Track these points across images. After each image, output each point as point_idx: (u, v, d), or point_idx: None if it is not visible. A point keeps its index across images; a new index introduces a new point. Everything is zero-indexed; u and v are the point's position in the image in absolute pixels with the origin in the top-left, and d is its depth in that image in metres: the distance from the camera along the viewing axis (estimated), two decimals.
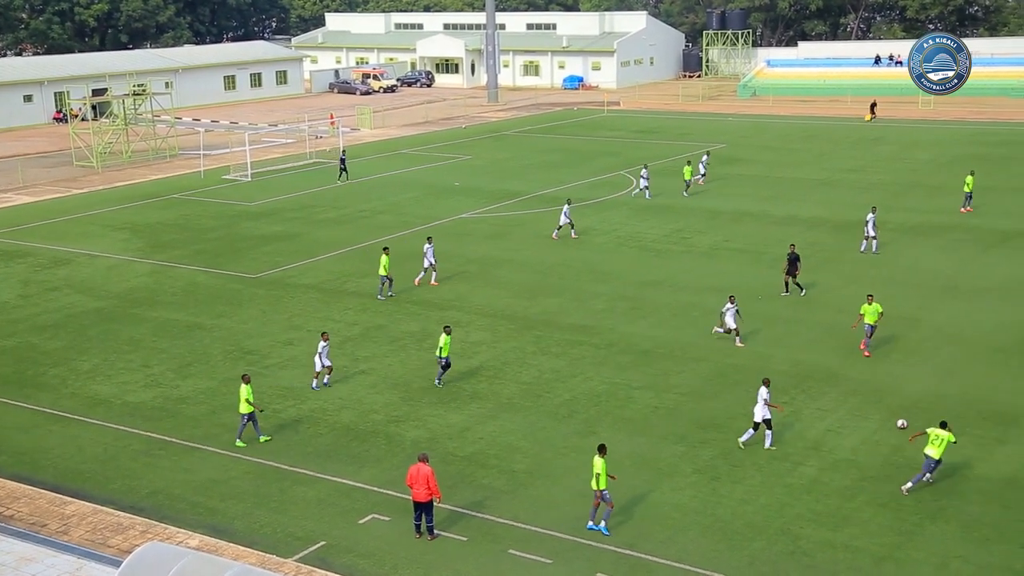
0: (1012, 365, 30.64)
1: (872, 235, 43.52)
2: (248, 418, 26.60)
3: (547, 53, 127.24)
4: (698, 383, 30.16)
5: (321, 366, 30.27)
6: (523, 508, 23.26)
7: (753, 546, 21.42)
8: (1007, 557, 20.70)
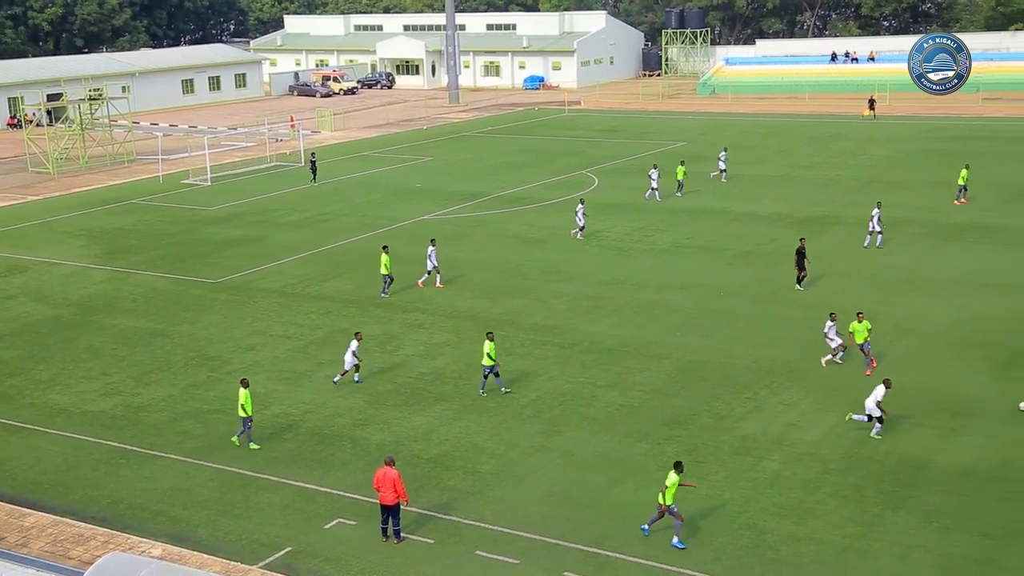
0: (968, 357, 31.04)
1: (877, 230, 43.81)
2: (249, 422, 26.45)
3: (507, 53, 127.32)
4: (661, 381, 30.31)
5: (351, 364, 30.34)
6: (490, 509, 23.27)
7: (718, 541, 21.57)
8: (966, 546, 20.98)
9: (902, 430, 26.26)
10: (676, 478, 21.37)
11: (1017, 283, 38.04)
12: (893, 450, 25.22)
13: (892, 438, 25.84)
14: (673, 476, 21.39)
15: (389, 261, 39.16)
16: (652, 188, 55.66)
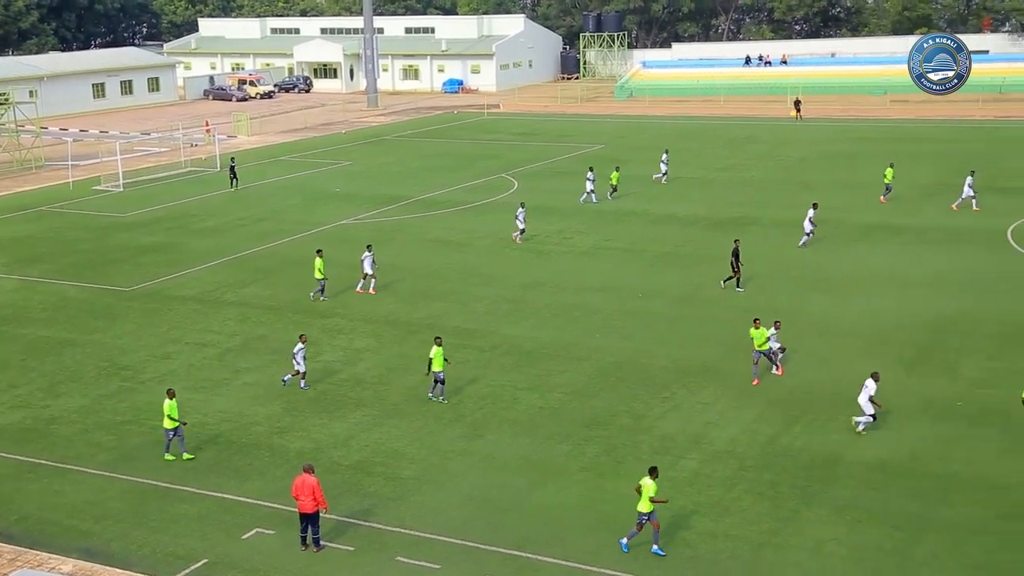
0: (877, 353, 31.76)
1: (808, 229, 44.47)
2: (174, 433, 25.94)
3: (426, 57, 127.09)
4: (581, 382, 30.49)
5: (297, 367, 30.09)
6: (410, 514, 23.17)
7: (637, 540, 21.72)
8: (878, 538, 21.46)
9: (816, 426, 26.78)
10: (653, 484, 21.06)
11: (924, 281, 39.04)
12: (807, 446, 25.70)
13: (806, 434, 26.34)
14: (649, 482, 21.08)
15: (323, 265, 38.81)
16: (588, 191, 55.76)
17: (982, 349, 31.60)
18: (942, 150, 68.64)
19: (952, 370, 30.16)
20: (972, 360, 30.78)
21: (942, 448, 25.28)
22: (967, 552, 20.75)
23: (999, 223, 47.17)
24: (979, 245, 43.77)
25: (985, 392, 28.40)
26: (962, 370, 30.05)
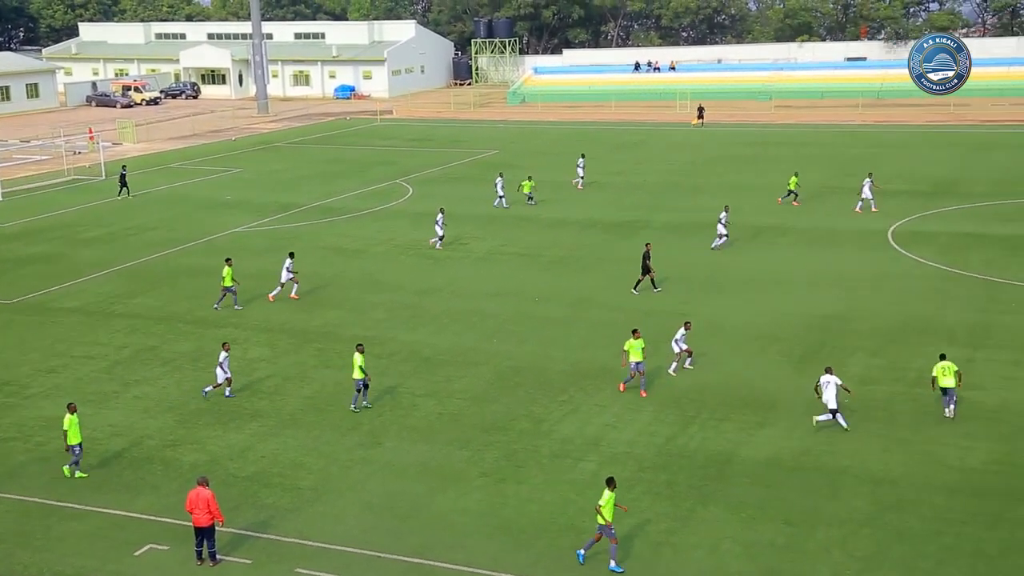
0: (769, 352, 32.55)
1: (723, 232, 45.21)
2: (80, 448, 25.12)
3: (317, 63, 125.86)
4: (480, 387, 30.54)
5: (223, 377, 29.61)
6: (310, 525, 22.90)
7: (539, 544, 21.87)
8: (771, 534, 21.98)
9: (710, 426, 27.30)
10: (610, 495, 20.79)
11: (810, 280, 40.14)
12: (703, 446, 26.18)
13: (701, 434, 26.83)
14: (607, 493, 20.79)
15: (231, 273, 38.12)
16: (499, 196, 55.72)
17: (866, 347, 32.62)
18: (825, 154, 70.70)
19: (838, 367, 30.92)
20: (857, 358, 31.75)
21: (830, 444, 26.02)
22: (856, 544, 21.39)
23: (880, 225, 48.77)
24: (862, 246, 45.19)
25: (869, 388, 29.32)
26: (848, 367, 30.95)
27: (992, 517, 22.16)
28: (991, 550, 20.92)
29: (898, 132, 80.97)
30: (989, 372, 30.06)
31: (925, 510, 22.58)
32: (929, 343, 32.47)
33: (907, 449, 25.46)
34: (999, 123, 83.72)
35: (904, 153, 69.75)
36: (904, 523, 22.10)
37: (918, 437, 26.09)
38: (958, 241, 45.20)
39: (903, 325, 34.48)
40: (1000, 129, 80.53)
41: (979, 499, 22.95)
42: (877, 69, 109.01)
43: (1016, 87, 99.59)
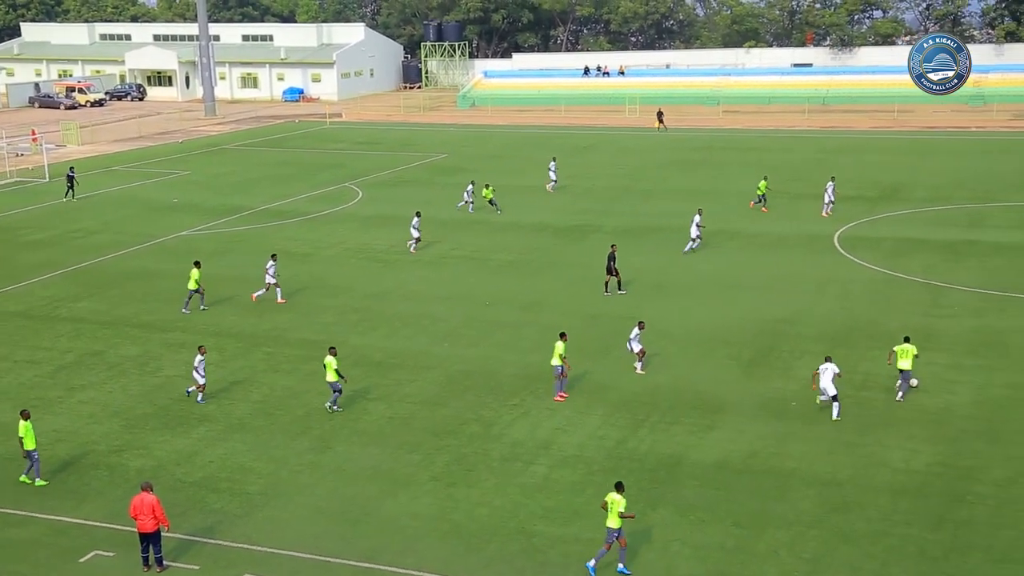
0: (716, 356, 32.84)
1: (696, 235, 45.67)
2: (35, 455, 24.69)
3: (265, 65, 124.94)
4: (431, 391, 30.48)
5: (201, 381, 29.50)
6: (258, 530, 22.71)
7: (489, 548, 21.88)
8: (720, 536, 22.16)
9: (660, 429, 27.47)
10: (621, 498, 20.77)
11: (757, 284, 40.55)
12: (652, 449, 26.34)
13: (651, 437, 26.99)
14: (617, 496, 20.77)
15: (200, 276, 37.89)
16: (467, 201, 55.57)
17: (813, 350, 32.99)
18: (772, 159, 71.43)
19: (786, 371, 31.41)
20: (804, 361, 32.11)
21: (778, 446, 26.30)
22: (804, 546, 21.64)
23: (827, 229, 49.40)
24: (809, 250, 45.73)
25: (817, 391, 29.65)
26: (795, 370, 31.32)
27: (935, 518, 22.53)
28: (934, 551, 21.27)
29: (843, 137, 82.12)
30: (931, 375, 30.56)
31: (870, 512, 22.90)
32: (874, 346, 32.94)
33: (853, 452, 25.81)
34: (940, 129, 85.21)
35: (849, 158, 70.74)
36: (850, 525, 22.39)
37: (864, 440, 26.46)
38: (901, 246, 45.92)
39: (849, 329, 34.95)
40: (941, 135, 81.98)
41: (923, 500, 23.33)
42: (823, 75, 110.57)
43: (957, 94, 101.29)
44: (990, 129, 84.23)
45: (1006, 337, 33.62)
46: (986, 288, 39.01)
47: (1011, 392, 29.18)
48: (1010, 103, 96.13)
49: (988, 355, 32.10)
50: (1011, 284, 39.39)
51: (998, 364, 31.32)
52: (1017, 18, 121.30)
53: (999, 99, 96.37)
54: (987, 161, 68.14)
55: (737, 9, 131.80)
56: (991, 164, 66.85)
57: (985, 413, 27.87)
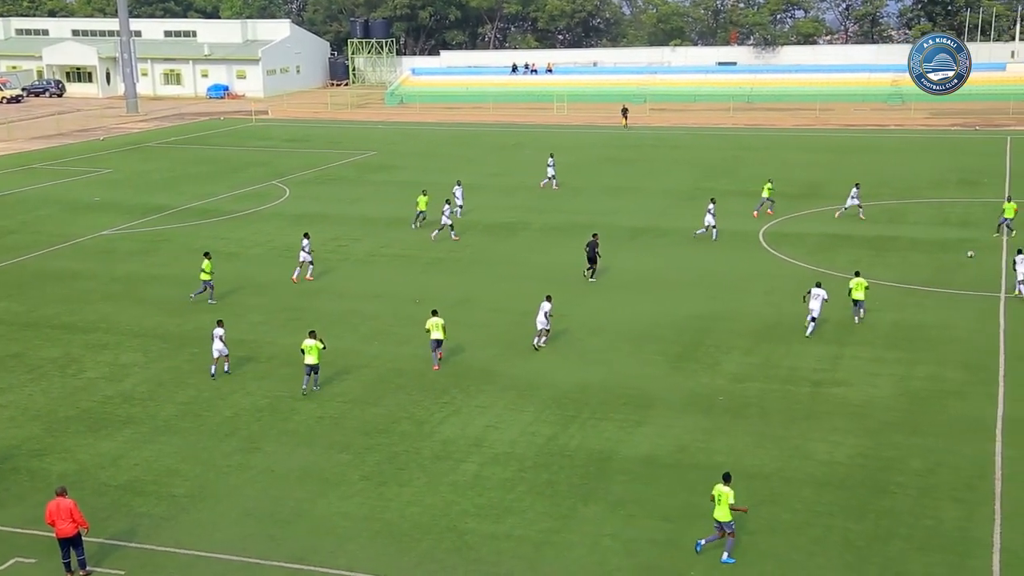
0: (646, 352, 33.14)
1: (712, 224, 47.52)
2: None
3: (189, 61, 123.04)
4: (361, 390, 30.31)
5: (219, 353, 30.99)
6: (185, 533, 22.38)
7: (421, 546, 21.83)
8: (650, 530, 22.37)
9: (590, 424, 27.64)
10: (729, 490, 20.96)
11: (685, 281, 41.01)
12: (583, 444, 26.50)
13: (582, 433, 27.14)
14: (725, 488, 20.99)
15: (210, 266, 38.24)
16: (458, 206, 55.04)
17: (739, 345, 33.49)
18: (698, 157, 72.29)
19: (713, 366, 31.81)
20: (731, 356, 32.57)
21: (706, 440, 26.63)
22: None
23: (753, 226, 50.11)
24: (735, 247, 46.34)
25: (743, 386, 30.12)
26: (722, 365, 31.75)
27: (858, 509, 23.00)
28: (858, 540, 21.72)
29: (767, 135, 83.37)
30: (854, 369, 31.20)
31: (796, 503, 23.30)
32: (799, 341, 33.54)
33: (779, 445, 26.23)
34: (861, 127, 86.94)
35: (773, 156, 71.82)
36: (776, 516, 22.76)
37: (789, 433, 26.91)
38: (825, 242, 46.76)
39: (775, 324, 35.51)
40: (862, 133, 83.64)
41: (846, 491, 23.79)
42: (747, 74, 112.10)
43: (876, 93, 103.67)
44: (908, 127, 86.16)
45: (925, 331, 34.44)
46: (906, 283, 39.92)
47: (930, 384, 29.91)
48: (927, 102, 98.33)
49: (908, 348, 32.86)
50: (930, 279, 40.37)
51: (918, 357, 32.07)
52: (932, 19, 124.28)
53: (917, 98, 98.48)
54: (906, 159, 69.70)
55: (662, 8, 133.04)
56: (910, 161, 68.39)
57: (905, 405, 28.52)
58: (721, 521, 21.08)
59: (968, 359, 31.68)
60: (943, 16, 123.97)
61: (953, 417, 27.54)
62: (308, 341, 29.82)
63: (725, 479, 21.34)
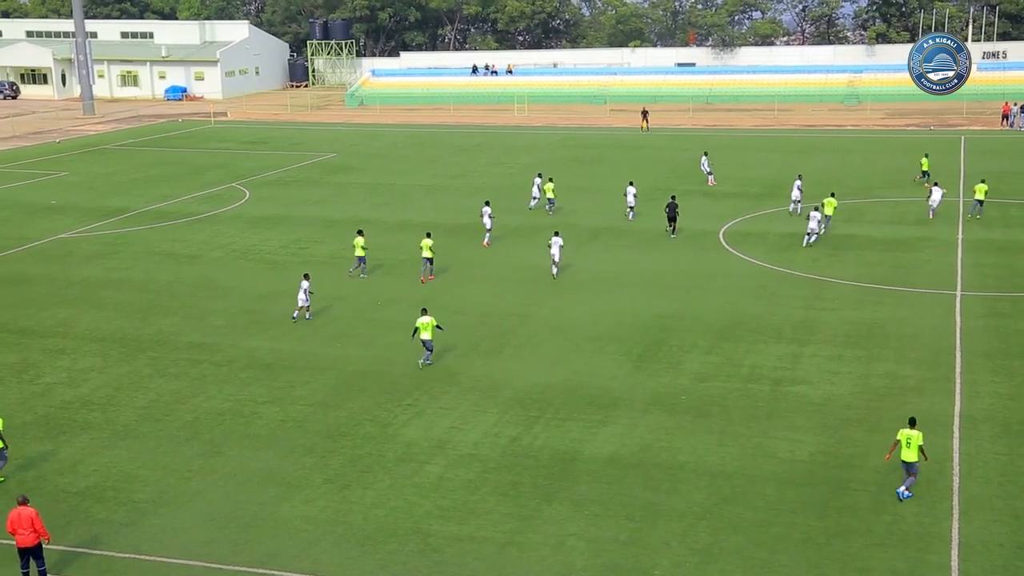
0: (608, 352, 33.25)
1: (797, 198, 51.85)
2: None
3: (146, 63, 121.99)
4: (323, 393, 30.18)
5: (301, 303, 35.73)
6: (146, 539, 22.17)
7: (385, 549, 21.77)
8: (614, 530, 22.46)
9: (554, 425, 27.69)
10: (918, 433, 23.07)
11: (648, 281, 41.19)
12: (547, 445, 26.55)
13: (545, 433, 27.19)
14: (914, 432, 23.08)
15: (365, 243, 41.80)
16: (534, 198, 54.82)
17: (701, 345, 33.69)
18: (658, 157, 72.67)
19: (676, 365, 31.98)
20: (693, 355, 32.76)
21: (669, 439, 26.77)
22: (695, 537, 22.07)
23: (713, 226, 50.45)
24: (695, 247, 46.61)
25: (705, 385, 30.32)
26: (685, 364, 31.93)
27: (819, 506, 23.22)
28: (819, 537, 21.93)
29: (727, 136, 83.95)
30: (814, 367, 31.50)
31: (758, 501, 23.48)
32: (759, 340, 33.81)
33: (741, 443, 26.43)
34: (818, 127, 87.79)
35: (733, 156, 72.29)
36: (739, 515, 22.92)
37: (751, 431, 27.12)
38: (784, 241, 47.15)
39: (735, 323, 35.76)
40: (819, 133, 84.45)
41: (807, 489, 24.01)
42: (706, 75, 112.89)
43: (833, 93, 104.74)
44: (865, 127, 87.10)
45: (883, 328, 34.83)
46: (864, 281, 40.36)
47: (889, 382, 30.25)
48: (883, 102, 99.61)
49: (867, 346, 33.22)
50: (887, 277, 40.83)
51: (876, 355, 32.43)
52: (887, 20, 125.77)
53: (872, 98, 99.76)
54: (863, 158, 70.45)
55: (621, 9, 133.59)
56: (867, 161, 69.13)
57: (864, 403, 28.83)
58: (909, 462, 23.13)
59: (925, 356, 32.09)
60: (897, 17, 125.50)
61: (911, 413, 27.78)
62: (423, 319, 31.51)
63: (911, 423, 23.44)
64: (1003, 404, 28.36)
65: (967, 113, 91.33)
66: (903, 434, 23.30)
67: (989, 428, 26.75)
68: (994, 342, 33.14)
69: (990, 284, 39.45)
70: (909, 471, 23.27)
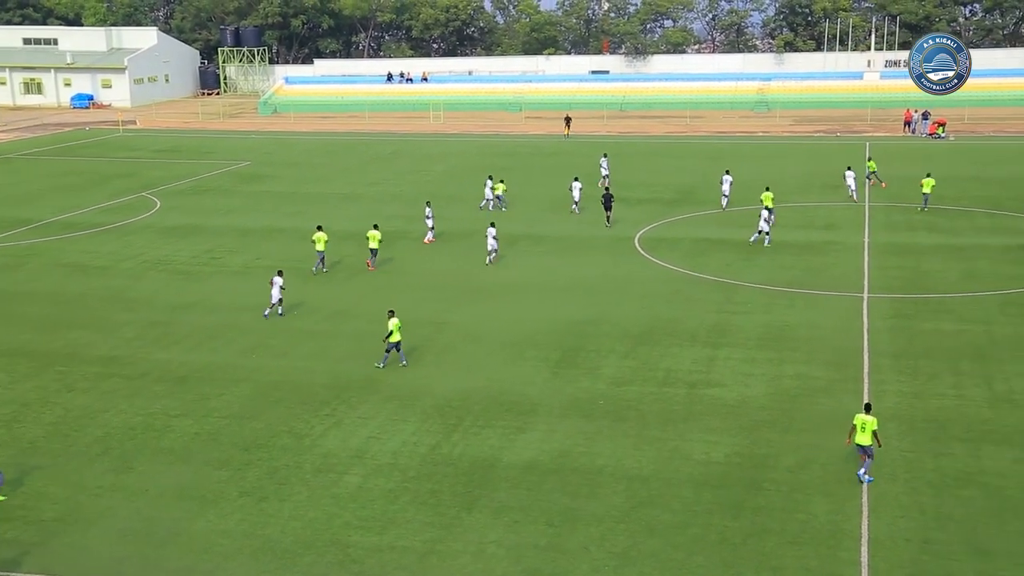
0: (526, 357, 33.38)
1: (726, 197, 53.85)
2: None
3: (50, 70, 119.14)
4: (239, 405, 29.78)
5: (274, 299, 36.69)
6: (56, 559, 21.63)
7: (303, 561, 21.56)
8: (534, 535, 22.55)
9: (473, 432, 27.71)
10: (872, 419, 24.13)
11: (565, 286, 41.45)
12: (466, 452, 26.55)
13: (464, 441, 27.19)
14: (868, 417, 24.17)
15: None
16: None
17: (618, 349, 34.01)
18: (573, 163, 73.01)
19: (593, 370, 32.23)
20: (609, 360, 33.06)
21: (587, 444, 26.96)
22: (614, 541, 22.26)
23: (628, 231, 50.96)
24: (611, 253, 47.04)
25: (622, 389, 30.61)
26: (602, 369, 32.20)
27: (734, 507, 23.61)
28: (735, 537, 22.29)
29: (640, 142, 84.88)
30: (728, 369, 32.01)
31: (674, 504, 23.78)
32: (674, 344, 34.25)
33: (657, 446, 26.73)
34: (729, 134, 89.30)
35: (646, 162, 73.16)
36: (656, 517, 23.19)
37: (667, 434, 27.45)
38: (698, 246, 47.85)
39: (650, 327, 36.17)
40: (730, 140, 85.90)
41: (722, 490, 24.39)
42: (620, 82, 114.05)
43: (743, 100, 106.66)
44: (775, 134, 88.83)
45: (794, 331, 35.55)
46: (774, 285, 41.15)
47: (800, 383, 30.89)
48: (791, 109, 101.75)
49: (778, 348, 33.87)
50: (796, 280, 41.68)
51: (787, 356, 33.08)
52: (794, 29, 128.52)
53: (781, 105, 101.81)
54: (773, 164, 71.80)
55: (536, 17, 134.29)
56: (776, 167, 70.47)
57: (777, 404, 29.39)
58: (864, 445, 24.20)
59: (834, 357, 32.83)
60: (804, 27, 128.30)
61: (822, 413, 28.50)
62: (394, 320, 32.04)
63: (867, 408, 24.70)
64: (908, 403, 29.16)
65: (871, 120, 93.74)
66: (858, 419, 24.39)
67: (895, 426, 27.46)
68: (899, 343, 34.05)
69: (895, 286, 40.53)
70: (865, 453, 24.33)
